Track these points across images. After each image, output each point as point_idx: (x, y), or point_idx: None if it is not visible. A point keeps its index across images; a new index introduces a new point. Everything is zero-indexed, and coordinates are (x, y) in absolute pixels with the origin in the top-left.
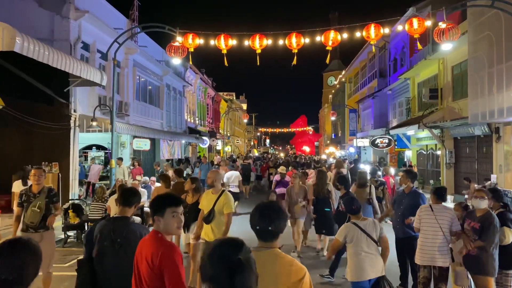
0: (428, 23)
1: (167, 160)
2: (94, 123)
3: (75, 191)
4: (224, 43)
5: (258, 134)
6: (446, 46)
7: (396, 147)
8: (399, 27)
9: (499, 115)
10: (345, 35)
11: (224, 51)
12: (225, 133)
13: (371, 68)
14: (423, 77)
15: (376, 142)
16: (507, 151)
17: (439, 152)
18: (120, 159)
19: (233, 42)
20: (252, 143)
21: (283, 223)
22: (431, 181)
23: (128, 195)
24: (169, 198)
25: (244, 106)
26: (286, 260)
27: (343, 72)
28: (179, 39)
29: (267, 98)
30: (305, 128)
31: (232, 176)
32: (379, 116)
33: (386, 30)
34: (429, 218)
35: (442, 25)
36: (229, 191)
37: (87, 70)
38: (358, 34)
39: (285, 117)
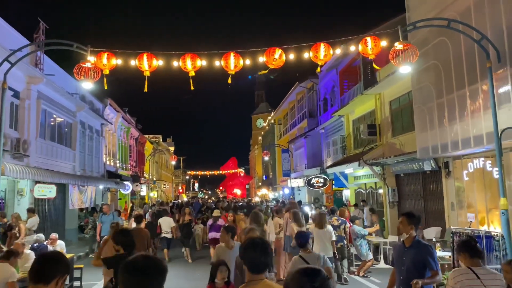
0: (384, 43)
1: (81, 210)
2: None
3: None
4: (148, 63)
5: (187, 177)
6: (404, 69)
7: (333, 186)
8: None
9: (453, 148)
10: (292, 56)
11: (147, 73)
12: (150, 177)
13: (300, 109)
14: (358, 114)
15: (311, 182)
16: (459, 187)
17: (380, 191)
18: None
19: (158, 62)
20: (180, 188)
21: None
22: None
23: (43, 265)
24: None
25: (172, 149)
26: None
27: (272, 114)
28: (91, 59)
29: (195, 141)
30: (236, 170)
31: (164, 222)
32: (312, 155)
33: (338, 51)
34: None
35: (399, 45)
36: (164, 237)
37: None
38: (306, 55)
39: (215, 160)
